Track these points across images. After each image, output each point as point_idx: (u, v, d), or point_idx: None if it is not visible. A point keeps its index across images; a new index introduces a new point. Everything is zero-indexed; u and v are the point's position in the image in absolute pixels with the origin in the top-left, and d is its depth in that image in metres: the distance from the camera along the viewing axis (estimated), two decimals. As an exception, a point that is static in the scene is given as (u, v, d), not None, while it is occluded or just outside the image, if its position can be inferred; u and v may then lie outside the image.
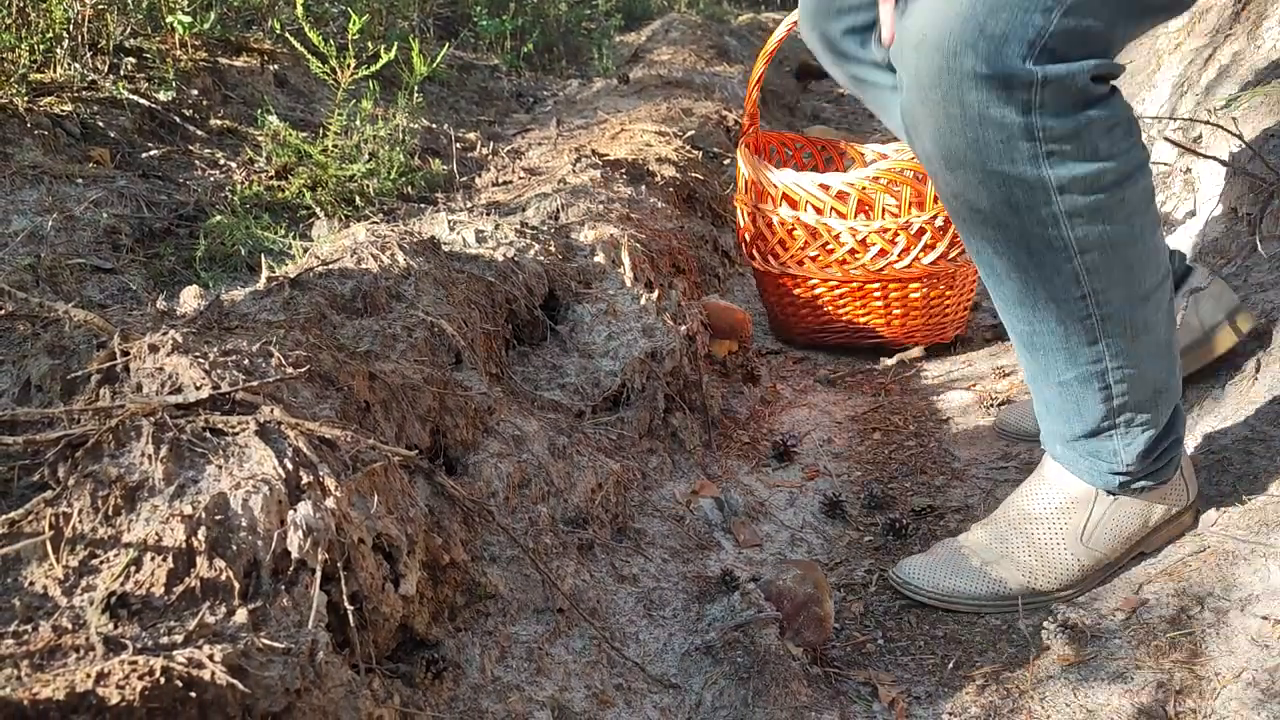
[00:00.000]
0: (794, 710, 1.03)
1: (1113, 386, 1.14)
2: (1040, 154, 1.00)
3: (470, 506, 1.09)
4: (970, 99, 0.98)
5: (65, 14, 2.12)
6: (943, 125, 1.01)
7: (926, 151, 1.06)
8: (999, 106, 0.98)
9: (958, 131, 1.00)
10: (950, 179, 1.06)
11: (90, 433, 0.85)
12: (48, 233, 1.58)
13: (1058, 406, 1.18)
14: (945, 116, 1.00)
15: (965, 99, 0.98)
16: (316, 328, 1.19)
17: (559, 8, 4.71)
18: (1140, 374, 1.14)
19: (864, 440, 1.78)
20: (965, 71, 0.97)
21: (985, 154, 1.01)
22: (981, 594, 1.24)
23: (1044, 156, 1.00)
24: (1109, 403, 1.15)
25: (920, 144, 1.06)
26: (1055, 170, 1.01)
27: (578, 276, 1.74)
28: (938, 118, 1.01)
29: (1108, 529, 1.22)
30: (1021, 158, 1.00)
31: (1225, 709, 1.00)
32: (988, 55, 0.96)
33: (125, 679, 0.65)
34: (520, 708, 0.96)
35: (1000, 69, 0.96)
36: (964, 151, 1.02)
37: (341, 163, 2.09)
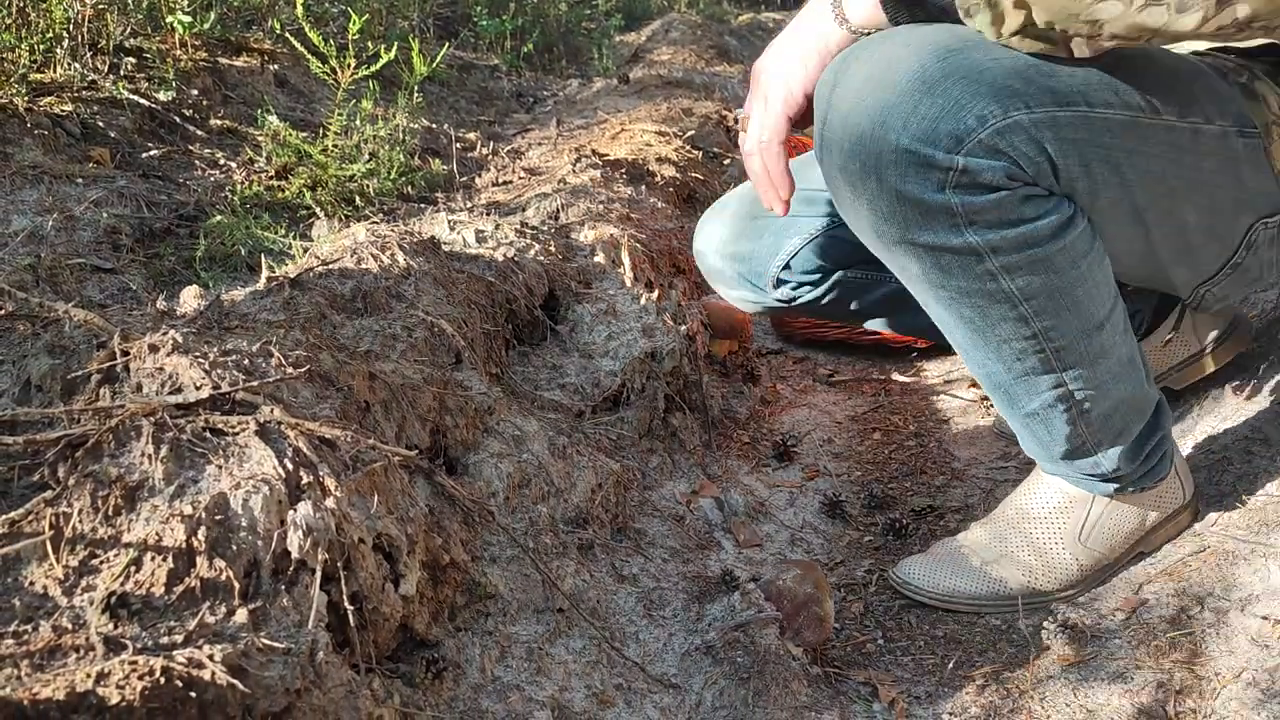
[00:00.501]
0: (794, 710, 1.03)
1: (1075, 409, 1.13)
2: (962, 224, 0.98)
3: (470, 506, 1.09)
4: (888, 174, 0.96)
5: (65, 14, 2.12)
6: (861, 197, 1.00)
7: (851, 217, 1.05)
8: (914, 184, 0.96)
9: (876, 204, 0.99)
10: (879, 248, 1.05)
11: (90, 433, 0.85)
12: (48, 233, 1.58)
13: (1030, 434, 1.18)
14: (863, 187, 0.98)
15: (884, 174, 0.96)
16: (316, 328, 1.19)
17: (559, 8, 4.71)
18: (1104, 393, 1.13)
19: (864, 440, 1.78)
20: (887, 146, 0.95)
21: (906, 225, 0.99)
22: (981, 594, 1.24)
23: (965, 226, 0.98)
24: (1076, 424, 1.14)
25: (844, 209, 1.05)
26: (982, 236, 0.99)
27: (578, 276, 1.74)
28: (855, 189, 1.00)
29: (1105, 529, 1.22)
30: (942, 228, 0.98)
31: (1225, 709, 1.00)
32: (918, 131, 0.94)
33: (125, 679, 0.65)
34: (520, 708, 0.96)
35: (922, 151, 0.94)
36: (883, 224, 1.00)
37: (341, 163, 2.09)
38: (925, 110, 0.93)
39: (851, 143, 0.97)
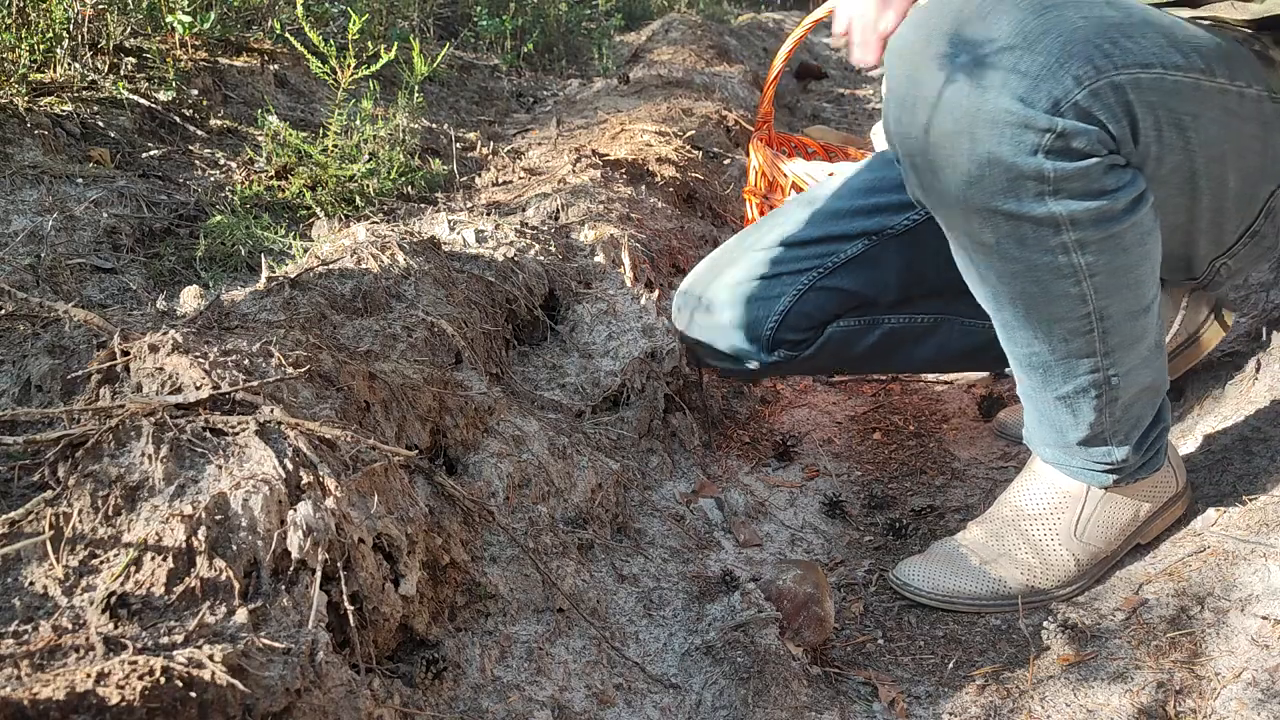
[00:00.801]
0: (794, 710, 1.03)
1: (1106, 395, 1.14)
2: (1048, 192, 0.97)
3: (470, 506, 1.09)
4: (983, 134, 0.94)
5: (65, 14, 2.12)
6: (947, 159, 0.98)
7: (928, 183, 1.03)
8: (1009, 146, 0.94)
9: (960, 168, 0.97)
10: (952, 215, 1.03)
11: (90, 433, 0.85)
12: (48, 233, 1.58)
13: (1053, 419, 1.18)
14: (952, 148, 0.96)
15: (977, 133, 0.94)
16: (316, 328, 1.19)
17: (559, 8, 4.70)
18: (1132, 380, 1.14)
19: (864, 440, 1.78)
20: (985, 103, 0.93)
21: (992, 190, 0.97)
22: (982, 593, 1.24)
23: (1050, 194, 0.97)
24: (1102, 411, 1.15)
25: (919, 175, 1.03)
26: (1065, 206, 0.98)
27: (578, 276, 1.74)
28: (942, 149, 0.98)
29: (1100, 522, 1.23)
30: (1028, 196, 0.97)
31: (1225, 709, 1.00)
32: (1019, 90, 0.92)
33: (125, 679, 0.65)
34: (520, 707, 0.96)
35: (1022, 112, 0.92)
36: (968, 189, 0.98)
37: (341, 163, 2.09)
38: (1025, 68, 0.91)
39: (947, 99, 0.94)
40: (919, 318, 1.48)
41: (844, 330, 1.47)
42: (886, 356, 1.52)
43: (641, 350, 1.60)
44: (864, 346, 1.49)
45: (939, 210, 1.05)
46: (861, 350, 1.50)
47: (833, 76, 5.31)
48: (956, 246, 1.10)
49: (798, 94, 4.81)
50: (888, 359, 1.53)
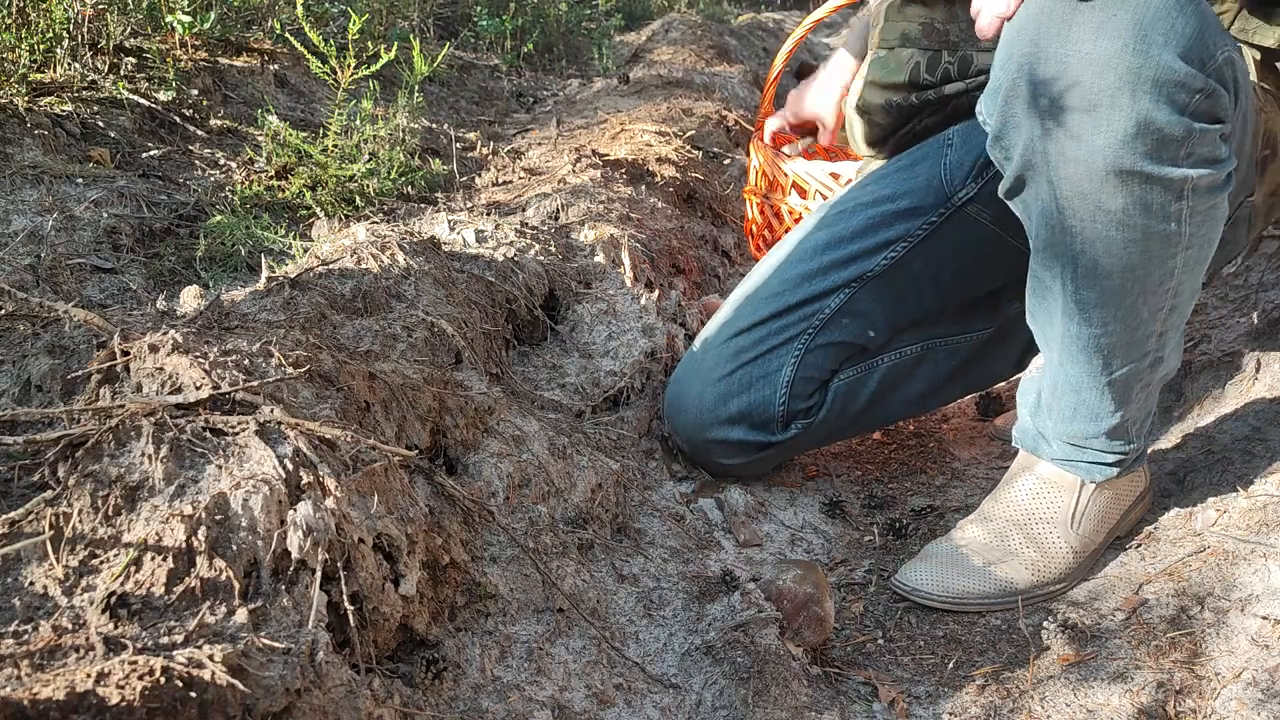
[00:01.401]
0: (794, 710, 1.03)
1: (1150, 377, 1.18)
2: (1182, 154, 0.98)
3: (470, 506, 1.09)
4: (1143, 91, 0.94)
5: (65, 14, 2.12)
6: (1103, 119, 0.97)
7: (1063, 149, 1.01)
8: (1166, 104, 0.95)
9: (1116, 127, 0.97)
10: (1089, 181, 1.01)
11: (90, 433, 0.85)
12: (48, 233, 1.58)
13: (1094, 407, 1.19)
14: (1112, 109, 0.96)
15: (1138, 90, 0.94)
16: (316, 328, 1.19)
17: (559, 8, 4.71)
18: (1170, 362, 1.19)
19: (864, 440, 1.78)
20: (1150, 60, 0.93)
21: (1139, 150, 0.97)
22: (990, 592, 1.25)
23: (1184, 158, 0.98)
24: (1142, 394, 1.19)
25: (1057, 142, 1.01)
26: (1194, 170, 1.00)
27: (578, 276, 1.74)
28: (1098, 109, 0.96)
29: (1093, 514, 1.26)
30: (1168, 156, 0.98)
31: (1225, 709, 1.00)
32: (1179, 48, 0.93)
33: (125, 679, 0.65)
34: (520, 708, 0.96)
35: (1183, 69, 0.94)
36: (1117, 150, 0.97)
37: (341, 163, 2.09)
38: (1183, 28, 0.93)
39: (1105, 57, 0.94)
40: (906, 350, 1.52)
41: (845, 383, 1.50)
42: (886, 401, 1.54)
43: (641, 350, 1.60)
44: (865, 396, 1.52)
45: (1066, 179, 1.02)
46: (864, 400, 1.52)
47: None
48: (1064, 224, 1.07)
49: (798, 94, 4.80)
50: (888, 404, 1.55)
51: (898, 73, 1.44)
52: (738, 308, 1.52)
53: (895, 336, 1.51)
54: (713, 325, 1.55)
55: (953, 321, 1.53)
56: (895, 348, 1.52)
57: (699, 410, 1.47)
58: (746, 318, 1.49)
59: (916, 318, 1.50)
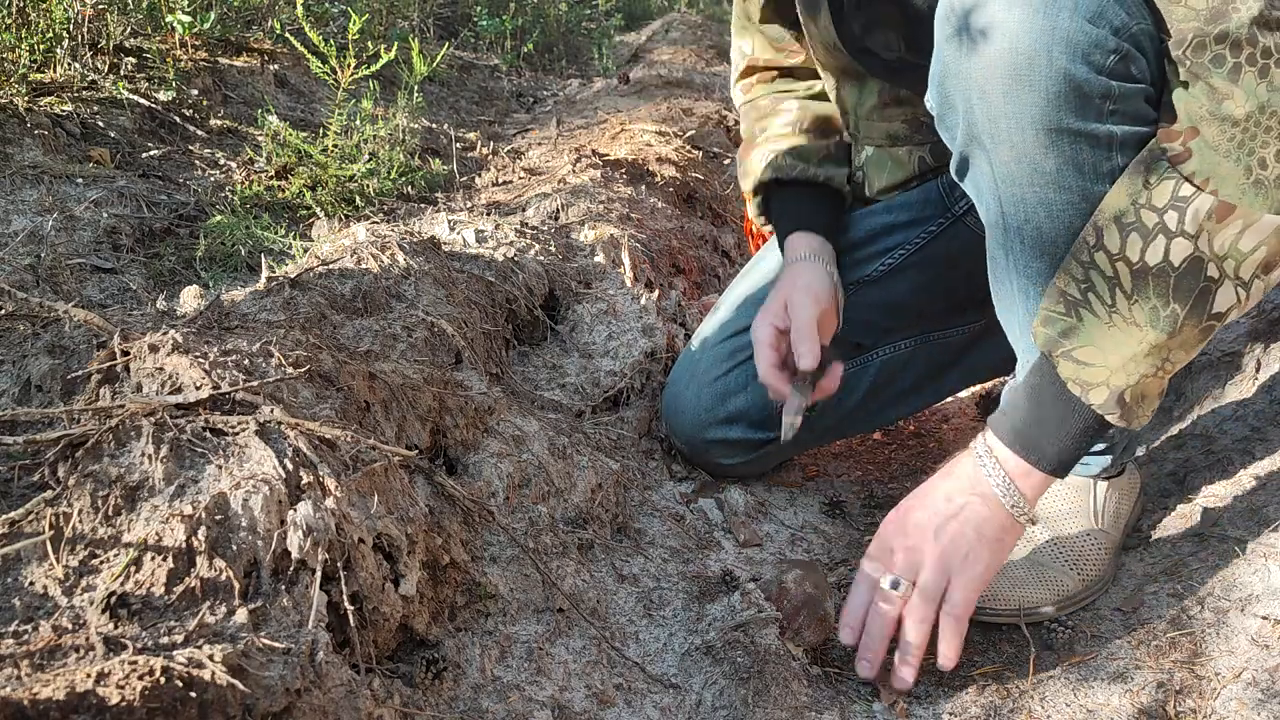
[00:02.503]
0: (794, 710, 1.03)
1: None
2: (1106, 111, 1.01)
3: (470, 506, 1.09)
4: (1058, 53, 0.98)
5: (65, 14, 2.12)
6: (1025, 83, 1.01)
7: (998, 113, 1.04)
8: (1082, 64, 0.98)
9: (1039, 86, 1.01)
10: (1022, 142, 1.04)
11: (90, 433, 0.86)
12: (48, 233, 1.58)
13: None
14: (1029, 69, 1.00)
15: (1054, 52, 0.99)
16: (316, 328, 1.19)
17: (559, 8, 4.71)
18: None
19: (864, 440, 1.78)
20: (1060, 23, 0.98)
21: (1063, 108, 1.01)
22: (1048, 599, 1.22)
23: (1109, 114, 1.01)
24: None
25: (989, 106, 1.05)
26: (1119, 126, 1.01)
27: (578, 276, 1.74)
28: (1021, 74, 1.01)
29: (1110, 510, 1.26)
30: (1091, 113, 1.01)
31: (1225, 709, 1.00)
32: (1086, 13, 0.98)
33: (125, 679, 0.65)
34: (520, 707, 0.96)
35: (1094, 32, 0.98)
36: (1043, 108, 1.01)
37: (341, 163, 2.09)
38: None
39: (1020, 24, 1.00)
40: (901, 344, 1.53)
41: (842, 379, 1.49)
42: (883, 395, 1.55)
43: (641, 350, 1.60)
44: (862, 390, 1.53)
45: (1003, 143, 1.06)
46: (861, 395, 1.53)
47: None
48: (1008, 197, 1.10)
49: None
50: (885, 398, 1.56)
51: (899, 170, 1.49)
52: (735, 309, 1.52)
53: (889, 333, 1.52)
54: (710, 326, 1.55)
55: (945, 316, 1.54)
56: (889, 342, 1.53)
57: (696, 410, 1.47)
58: (744, 318, 1.49)
59: (910, 317, 1.51)
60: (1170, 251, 0.99)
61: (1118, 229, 1.01)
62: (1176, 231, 0.98)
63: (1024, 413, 1.08)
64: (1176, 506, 1.35)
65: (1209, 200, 0.97)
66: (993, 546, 1.08)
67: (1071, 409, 1.05)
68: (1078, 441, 1.06)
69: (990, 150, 1.08)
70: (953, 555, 1.08)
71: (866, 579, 1.12)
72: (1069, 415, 1.05)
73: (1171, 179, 0.98)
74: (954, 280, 1.49)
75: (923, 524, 1.10)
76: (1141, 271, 1.00)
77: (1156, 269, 0.99)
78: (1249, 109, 0.95)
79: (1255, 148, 0.96)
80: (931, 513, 1.10)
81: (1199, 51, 0.97)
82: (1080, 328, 1.04)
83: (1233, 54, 0.96)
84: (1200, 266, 0.98)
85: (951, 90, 1.08)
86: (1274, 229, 0.97)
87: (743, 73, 1.64)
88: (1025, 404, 1.08)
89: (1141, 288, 1.00)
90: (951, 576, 1.08)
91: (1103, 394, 1.03)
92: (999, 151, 1.07)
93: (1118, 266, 1.01)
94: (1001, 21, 1.01)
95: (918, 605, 1.08)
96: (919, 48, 1.36)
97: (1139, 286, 1.00)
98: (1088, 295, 1.03)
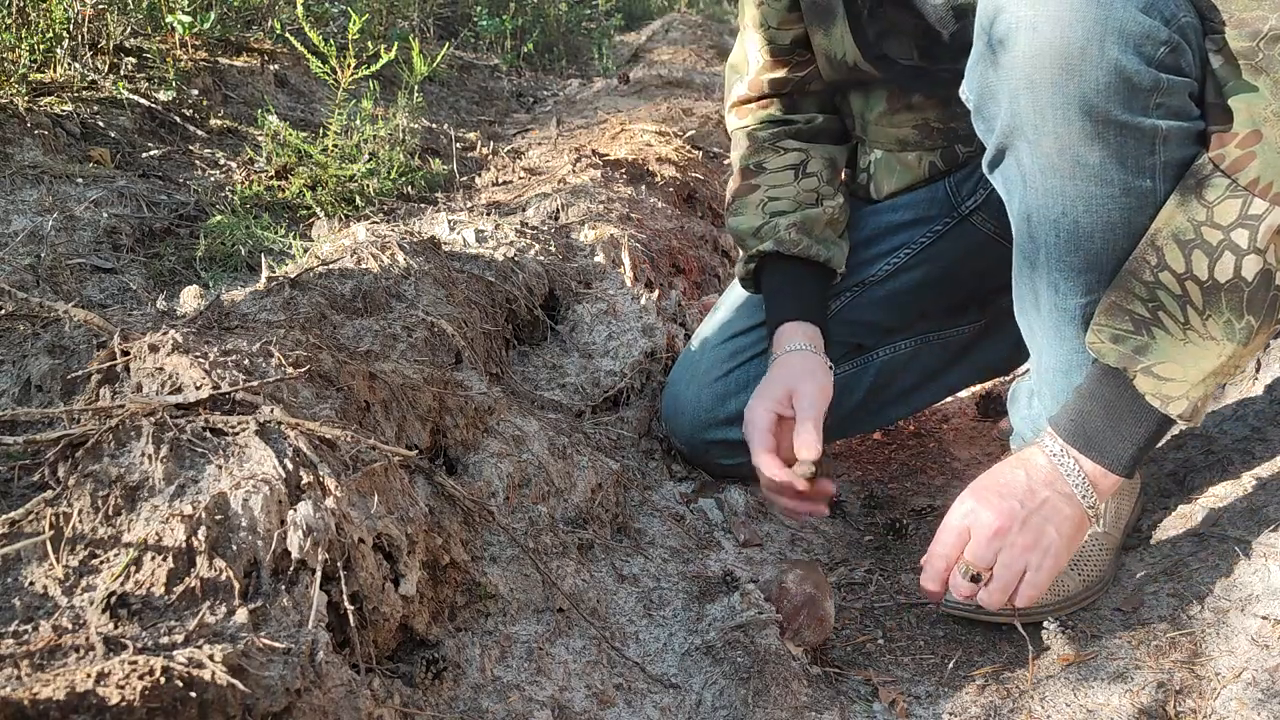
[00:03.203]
0: (794, 710, 1.03)
1: None
2: (1151, 104, 1.00)
3: (470, 506, 1.09)
4: (1111, 43, 0.97)
5: (65, 14, 2.12)
6: (1075, 73, 1.00)
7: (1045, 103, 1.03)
8: (1133, 55, 0.97)
9: (1089, 77, 0.99)
10: (1065, 131, 1.03)
11: (90, 433, 0.85)
12: (48, 233, 1.58)
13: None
14: (1082, 60, 0.99)
15: (1106, 42, 0.97)
16: (316, 328, 1.19)
17: (559, 8, 4.71)
18: None
19: (864, 440, 1.78)
20: (1114, 13, 0.97)
21: (1112, 99, 0.99)
22: (1049, 601, 1.22)
23: (1154, 108, 1.00)
24: None
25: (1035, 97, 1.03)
26: (1164, 120, 1.01)
27: (578, 276, 1.74)
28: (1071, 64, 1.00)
29: (1110, 510, 1.26)
30: (1138, 105, 1.00)
31: (1225, 709, 1.00)
32: (1139, 3, 0.96)
33: (125, 679, 0.65)
34: (520, 707, 0.96)
35: (1147, 22, 0.97)
36: (1095, 99, 1.00)
37: (341, 162, 2.09)
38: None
39: (1072, 12, 0.98)
40: (901, 345, 1.54)
41: (842, 378, 1.50)
42: (883, 395, 1.55)
43: (641, 350, 1.60)
44: (862, 390, 1.53)
45: (1047, 134, 1.05)
46: (861, 395, 1.53)
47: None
48: (1045, 189, 1.08)
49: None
50: (885, 398, 1.56)
51: (907, 175, 1.47)
52: (736, 309, 1.52)
53: (891, 333, 1.52)
54: (710, 326, 1.55)
55: (946, 317, 1.53)
56: (889, 343, 1.53)
57: (696, 411, 1.47)
58: (744, 320, 1.49)
59: (912, 317, 1.51)
60: (1242, 268, 0.99)
61: (1179, 248, 1.00)
62: (1248, 249, 0.98)
63: (1100, 421, 1.08)
64: (1176, 506, 1.35)
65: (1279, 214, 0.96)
66: (1070, 544, 1.09)
67: (1146, 417, 1.06)
68: (1148, 444, 1.08)
69: (1033, 141, 1.06)
70: (1040, 548, 1.08)
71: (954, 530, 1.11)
72: (1144, 423, 1.07)
73: (1238, 197, 0.97)
74: (959, 279, 1.48)
75: (1013, 513, 1.09)
76: (1213, 288, 1.00)
77: (1228, 285, 0.99)
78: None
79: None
80: (1020, 504, 1.09)
81: (1272, 44, 0.94)
82: (1154, 345, 1.04)
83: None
84: (1271, 278, 0.99)
85: (992, 81, 1.07)
86: None
87: (741, 100, 1.57)
88: (1100, 414, 1.08)
89: (1214, 303, 1.00)
90: (1030, 572, 1.08)
91: (1182, 405, 1.05)
92: (1042, 143, 1.06)
93: (1186, 285, 1.01)
94: (1054, 11, 0.99)
95: (993, 597, 1.09)
96: (933, 54, 1.36)
97: (1211, 302, 1.00)
98: (1158, 314, 1.03)
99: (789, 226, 1.42)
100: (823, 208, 1.45)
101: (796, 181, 1.47)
